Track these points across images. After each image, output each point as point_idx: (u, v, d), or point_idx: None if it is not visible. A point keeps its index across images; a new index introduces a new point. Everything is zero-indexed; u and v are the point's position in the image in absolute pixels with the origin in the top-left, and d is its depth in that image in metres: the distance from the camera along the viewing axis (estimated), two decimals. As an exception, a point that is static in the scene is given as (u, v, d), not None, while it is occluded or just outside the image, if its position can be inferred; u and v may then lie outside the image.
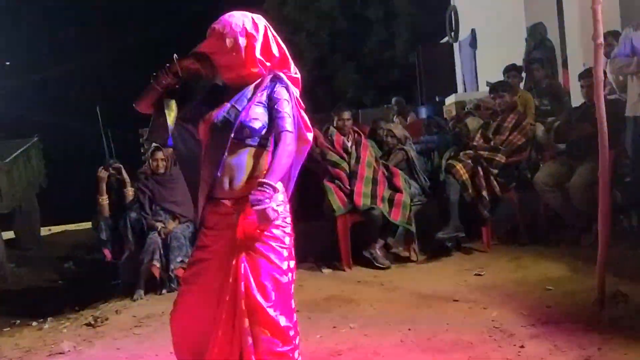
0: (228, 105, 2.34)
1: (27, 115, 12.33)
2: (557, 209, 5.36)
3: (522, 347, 3.18)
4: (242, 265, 2.23)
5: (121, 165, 5.94)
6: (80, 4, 16.34)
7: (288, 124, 2.27)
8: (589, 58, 5.51)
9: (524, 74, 7.32)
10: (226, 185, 2.31)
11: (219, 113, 2.33)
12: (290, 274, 2.33)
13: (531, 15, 8.61)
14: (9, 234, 9.65)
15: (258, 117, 2.29)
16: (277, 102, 2.30)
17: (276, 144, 2.28)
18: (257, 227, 2.21)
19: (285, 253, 2.31)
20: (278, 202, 2.19)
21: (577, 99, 6.43)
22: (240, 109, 2.31)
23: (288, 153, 2.24)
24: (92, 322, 4.58)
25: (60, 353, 3.94)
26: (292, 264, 2.36)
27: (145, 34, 16.58)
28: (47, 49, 16.03)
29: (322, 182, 5.51)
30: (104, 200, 5.77)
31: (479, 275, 4.76)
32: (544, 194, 5.35)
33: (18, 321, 5.29)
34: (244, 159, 2.29)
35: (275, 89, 2.33)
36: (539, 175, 5.43)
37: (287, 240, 2.32)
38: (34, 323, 5.02)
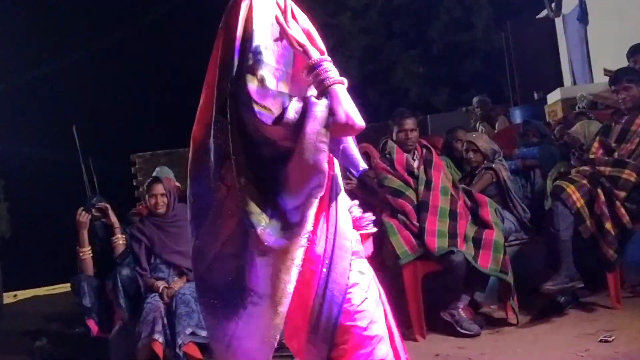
0: None
1: (-18, 143, 12.72)
2: None
3: None
4: None
5: (108, 205, 6.02)
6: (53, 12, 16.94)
7: None
8: None
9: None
10: None
11: None
12: None
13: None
14: (-39, 304, 9.91)
15: None
16: None
17: None
18: None
19: None
20: None
21: None
22: None
23: None
24: (75, 421, 4.67)
25: None
26: None
27: (137, 34, 17.02)
28: (10, 54, 16.58)
29: (381, 218, 5.52)
30: (86, 253, 5.86)
31: (606, 341, 4.68)
32: (694, 223, 5.25)
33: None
34: None
35: None
36: (685, 198, 5.34)
37: None
38: None
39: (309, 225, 2.24)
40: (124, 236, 5.89)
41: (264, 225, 2.19)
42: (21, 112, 16.10)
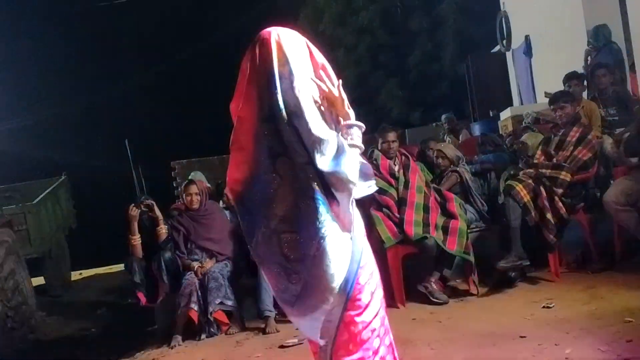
0: None
1: (54, 153, 12.71)
2: (632, 230, 5.24)
3: (600, 387, 3.11)
4: None
5: (153, 202, 6.01)
6: (107, 38, 16.88)
7: None
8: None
9: (585, 82, 7.24)
10: None
11: None
12: None
13: (592, 17, 8.53)
14: (38, 280, 9.90)
15: None
16: None
17: None
18: None
19: None
20: None
21: (648, 106, 6.31)
22: None
23: None
24: (128, 373, 4.67)
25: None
26: None
27: (174, 65, 16.98)
28: (72, 84, 16.56)
29: (369, 211, 5.51)
30: (136, 240, 5.87)
31: (548, 307, 4.67)
32: (616, 213, 5.24)
33: (50, 374, 5.41)
34: None
35: None
36: (609, 193, 5.32)
37: None
38: (67, 376, 5.14)
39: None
40: (166, 227, 5.90)
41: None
42: (85, 129, 16.15)
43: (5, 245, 7.26)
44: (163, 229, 5.89)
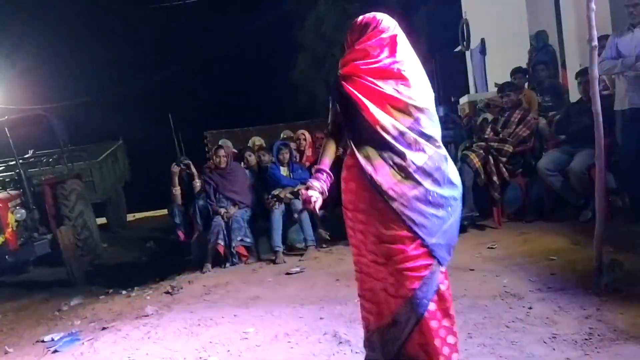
0: None
1: (114, 122, 12.65)
2: (558, 191, 5.23)
3: (530, 308, 3.13)
4: None
5: (190, 162, 6.02)
6: (159, 30, 16.64)
7: None
8: (584, 59, 5.37)
9: (527, 75, 7.15)
10: None
11: None
12: None
13: (533, 24, 8.40)
14: (101, 220, 9.94)
15: None
16: None
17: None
18: None
19: None
20: None
21: (574, 95, 6.24)
22: None
23: None
24: (170, 291, 4.69)
25: (145, 316, 4.04)
26: None
27: (208, 54, 16.77)
28: (130, 68, 16.44)
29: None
30: (177, 190, 5.87)
31: (492, 248, 4.69)
32: (546, 177, 5.22)
33: (110, 290, 5.45)
34: None
35: None
36: (542, 161, 5.30)
37: None
38: (124, 292, 5.17)
39: None
40: (200, 181, 5.89)
41: None
42: (138, 104, 16.04)
43: (75, 192, 7.24)
44: (198, 183, 5.89)
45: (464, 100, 8.98)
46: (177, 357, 3.11)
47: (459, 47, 12.56)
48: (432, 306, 2.06)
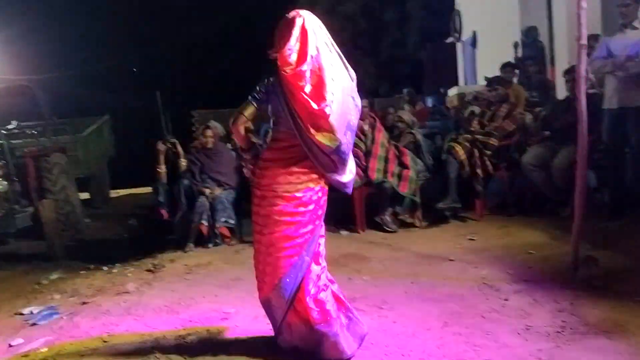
0: None
1: (100, 97, 12.49)
2: (540, 186, 5.30)
3: (506, 300, 3.19)
4: None
5: (176, 140, 5.97)
6: (150, 4, 16.39)
7: None
8: (573, 57, 5.41)
9: (517, 70, 7.19)
10: None
11: None
12: None
13: (525, 19, 8.43)
14: (85, 195, 9.84)
15: None
16: None
17: None
18: None
19: None
20: None
21: (561, 92, 6.31)
22: None
23: None
24: (152, 269, 4.69)
25: (126, 292, 4.04)
26: None
27: (199, 32, 16.56)
28: (118, 43, 16.19)
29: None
30: (162, 169, 5.82)
31: (472, 240, 4.75)
32: (529, 172, 5.29)
33: (92, 266, 5.41)
34: None
35: None
36: (525, 156, 5.36)
37: None
38: (105, 268, 5.14)
39: None
40: (185, 160, 5.85)
41: None
42: (126, 80, 15.84)
43: (59, 166, 7.16)
44: (183, 162, 5.84)
45: (452, 92, 9.03)
46: (157, 334, 3.13)
47: (451, 39, 12.57)
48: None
